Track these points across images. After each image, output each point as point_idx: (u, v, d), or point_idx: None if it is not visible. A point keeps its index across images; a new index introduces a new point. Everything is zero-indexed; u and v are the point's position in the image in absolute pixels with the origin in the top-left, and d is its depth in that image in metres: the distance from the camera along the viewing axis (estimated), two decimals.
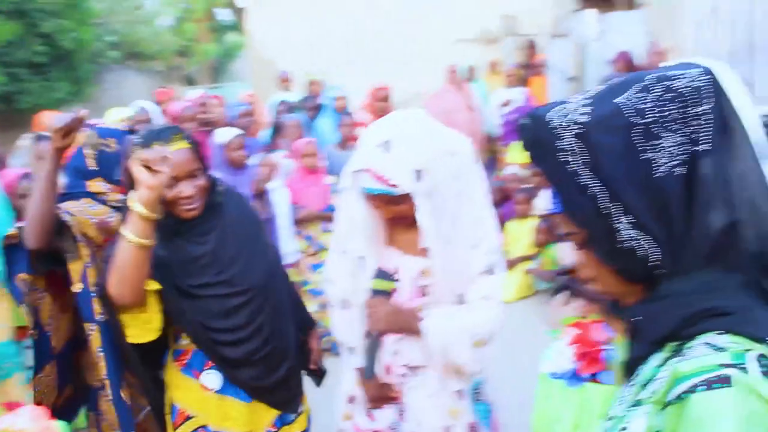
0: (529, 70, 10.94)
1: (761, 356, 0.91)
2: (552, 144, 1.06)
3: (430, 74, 10.71)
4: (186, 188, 2.38)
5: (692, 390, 0.90)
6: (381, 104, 7.49)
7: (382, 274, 2.29)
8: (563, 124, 1.05)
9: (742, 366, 0.90)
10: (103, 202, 2.79)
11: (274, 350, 2.55)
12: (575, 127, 1.04)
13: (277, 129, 7.41)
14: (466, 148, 2.28)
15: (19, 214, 3.05)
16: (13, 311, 2.70)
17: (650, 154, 0.98)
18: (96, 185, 2.81)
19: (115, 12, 17.63)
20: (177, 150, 2.35)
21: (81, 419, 2.89)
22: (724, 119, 1.00)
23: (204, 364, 2.52)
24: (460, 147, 2.25)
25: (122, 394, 2.58)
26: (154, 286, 2.35)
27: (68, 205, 2.69)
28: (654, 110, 0.99)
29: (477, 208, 2.30)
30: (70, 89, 14.74)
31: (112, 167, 2.79)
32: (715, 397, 0.88)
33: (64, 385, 2.82)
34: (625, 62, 8.28)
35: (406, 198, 2.13)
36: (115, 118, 6.40)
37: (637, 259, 1.01)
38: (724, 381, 0.89)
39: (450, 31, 12.31)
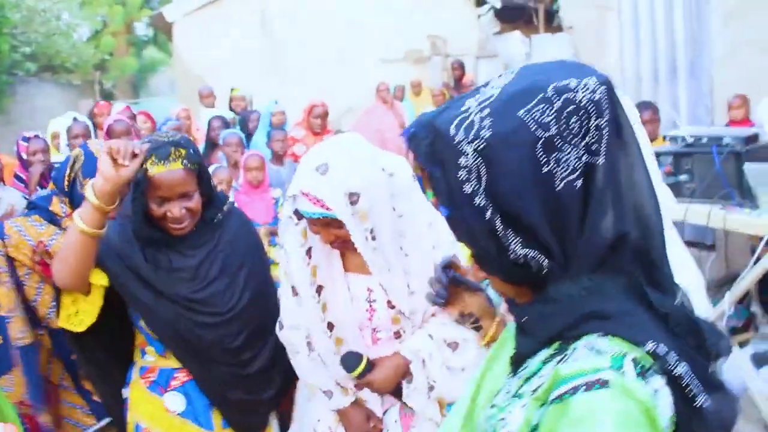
0: (456, 90, 11.10)
1: (635, 359, 0.95)
2: (451, 159, 1.02)
3: (358, 92, 10.76)
4: (174, 209, 2.32)
5: (573, 391, 0.93)
6: (317, 120, 7.48)
7: (350, 364, 2.26)
8: (465, 139, 1.01)
9: (620, 369, 0.94)
10: (57, 223, 2.77)
11: (257, 373, 2.52)
12: (477, 143, 1.00)
13: (212, 145, 7.30)
14: (404, 169, 2.30)
15: None
16: None
17: (551, 167, 0.98)
18: (58, 205, 2.79)
19: (32, 23, 17.05)
20: (170, 170, 2.28)
21: None
22: (619, 131, 1.01)
23: (168, 383, 2.47)
24: (397, 168, 2.26)
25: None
26: (101, 280, 2.30)
27: (12, 225, 2.73)
28: (557, 123, 0.98)
29: (424, 214, 2.32)
30: None
31: (79, 199, 2.73)
32: (594, 398, 0.92)
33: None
34: None
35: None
36: (54, 130, 6.20)
37: (527, 271, 1.03)
38: (603, 383, 0.92)
39: (377, 50, 12.41)
